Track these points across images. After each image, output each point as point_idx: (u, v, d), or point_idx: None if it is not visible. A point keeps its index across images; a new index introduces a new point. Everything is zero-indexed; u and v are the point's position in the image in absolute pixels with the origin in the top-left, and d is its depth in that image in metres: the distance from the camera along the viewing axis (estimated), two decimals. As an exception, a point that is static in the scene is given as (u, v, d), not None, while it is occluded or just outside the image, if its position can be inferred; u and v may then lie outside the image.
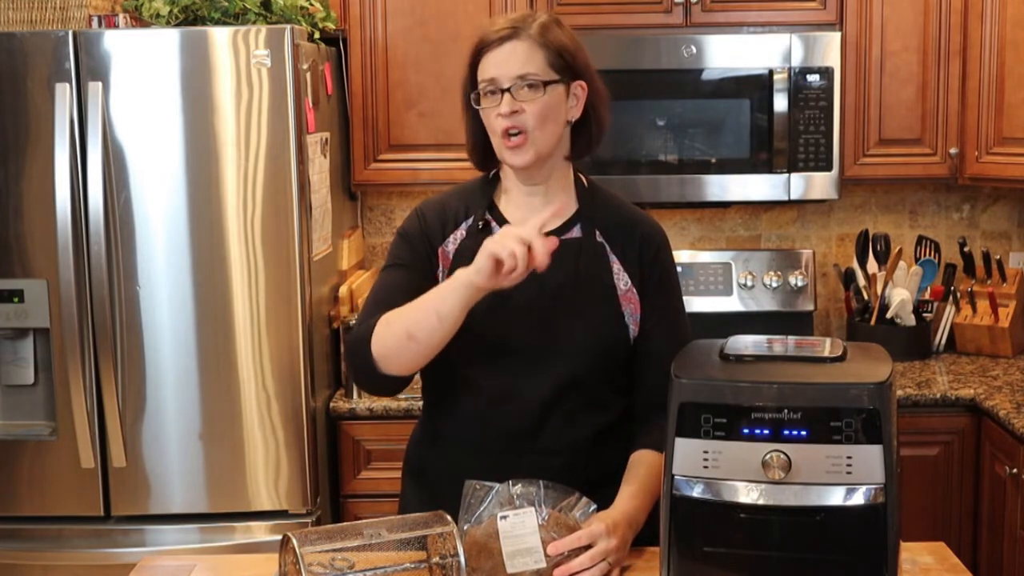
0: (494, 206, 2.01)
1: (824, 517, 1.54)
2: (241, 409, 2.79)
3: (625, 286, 1.97)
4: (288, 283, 2.77)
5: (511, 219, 1.98)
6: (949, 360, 3.34)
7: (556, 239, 1.77)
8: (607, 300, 1.95)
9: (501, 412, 1.93)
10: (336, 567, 1.86)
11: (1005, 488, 2.76)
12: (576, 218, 1.99)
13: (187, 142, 2.73)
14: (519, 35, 1.89)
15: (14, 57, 2.71)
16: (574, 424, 1.93)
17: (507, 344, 1.92)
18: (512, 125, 1.88)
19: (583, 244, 1.97)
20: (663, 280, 2.00)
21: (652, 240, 2.01)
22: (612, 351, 1.96)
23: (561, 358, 1.92)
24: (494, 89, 1.89)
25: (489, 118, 1.91)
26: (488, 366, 1.94)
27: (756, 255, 3.49)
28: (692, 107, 3.19)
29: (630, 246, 1.98)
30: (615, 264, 1.97)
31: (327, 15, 3.07)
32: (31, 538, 2.83)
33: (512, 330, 1.92)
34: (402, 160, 3.28)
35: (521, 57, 1.88)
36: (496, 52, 1.89)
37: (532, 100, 1.88)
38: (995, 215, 3.58)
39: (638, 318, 1.97)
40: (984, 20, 3.13)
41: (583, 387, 1.93)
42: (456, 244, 1.98)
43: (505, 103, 1.88)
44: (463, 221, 2.00)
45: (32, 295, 2.76)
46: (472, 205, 2.01)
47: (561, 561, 1.72)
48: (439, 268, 1.98)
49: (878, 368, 1.61)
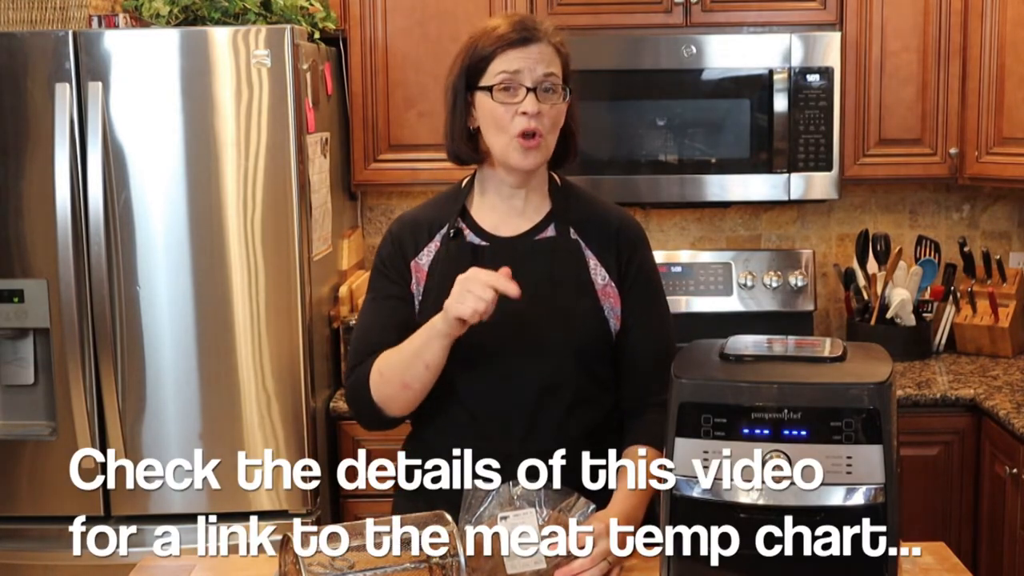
0: (466, 212, 2.00)
1: (824, 517, 1.54)
2: (241, 409, 2.79)
3: (603, 281, 1.96)
4: (288, 283, 2.77)
5: (484, 224, 1.98)
6: (949, 360, 3.34)
7: (515, 287, 1.77)
8: (585, 297, 1.95)
9: (488, 419, 1.93)
10: (336, 567, 1.86)
11: (1005, 488, 2.76)
12: (550, 217, 1.99)
13: (187, 142, 2.73)
14: (541, 39, 1.89)
15: (14, 57, 2.71)
16: (562, 425, 1.92)
17: (489, 351, 1.91)
18: (534, 127, 1.87)
19: (557, 242, 1.96)
20: (642, 272, 2.00)
21: (628, 234, 2.00)
22: (594, 348, 1.96)
23: (544, 360, 1.91)
24: (514, 85, 1.87)
25: (504, 115, 1.88)
26: (472, 374, 1.93)
27: (756, 255, 3.49)
28: (692, 107, 3.19)
29: (606, 241, 1.98)
30: (591, 260, 1.97)
31: (327, 15, 3.07)
32: (31, 538, 2.83)
33: (493, 336, 1.89)
34: (402, 160, 3.28)
35: (546, 58, 1.88)
36: (520, 51, 1.87)
37: (552, 104, 1.88)
38: (995, 215, 3.58)
39: (619, 312, 1.97)
40: (984, 20, 3.13)
41: (568, 387, 1.93)
42: (430, 256, 1.98)
43: (530, 102, 1.86)
44: (436, 232, 1.99)
45: (32, 295, 2.76)
46: (444, 214, 2.00)
47: (561, 561, 1.72)
48: (412, 282, 1.98)
49: (878, 368, 1.61)
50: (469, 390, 1.94)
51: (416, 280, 1.98)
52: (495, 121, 1.90)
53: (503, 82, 1.87)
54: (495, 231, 1.98)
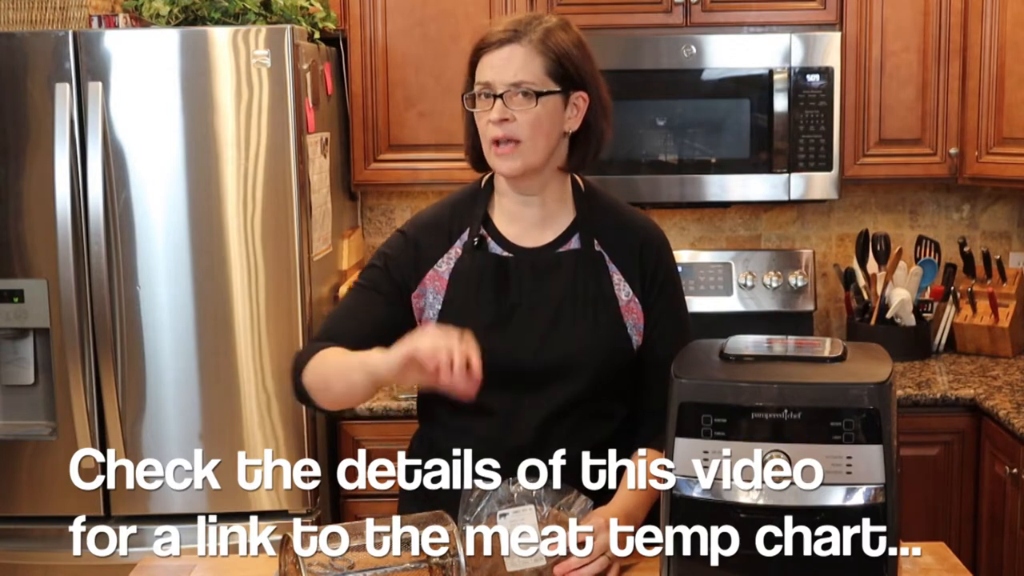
0: (488, 219, 1.95)
1: (824, 517, 1.54)
2: (241, 409, 2.79)
3: (627, 296, 1.92)
4: (288, 283, 2.77)
5: (507, 234, 1.93)
6: (949, 360, 3.34)
7: (471, 391, 1.68)
8: (608, 313, 1.91)
9: (501, 432, 1.89)
10: (336, 567, 1.86)
11: (1005, 488, 2.76)
12: (574, 228, 1.94)
13: (187, 142, 2.73)
14: (519, 39, 1.83)
15: (14, 57, 2.71)
16: (575, 439, 1.89)
17: (508, 364, 1.86)
18: (503, 135, 1.83)
19: (581, 255, 1.92)
20: (666, 286, 1.95)
21: (652, 245, 1.96)
22: (615, 365, 1.92)
23: (563, 376, 1.88)
24: (488, 93, 1.84)
25: (480, 122, 1.86)
26: (488, 386, 1.86)
27: (756, 255, 3.49)
28: (692, 107, 3.19)
29: (630, 254, 1.93)
30: (615, 275, 1.92)
31: (327, 15, 3.07)
32: (31, 538, 2.83)
33: (513, 349, 1.87)
34: (402, 160, 3.28)
35: (517, 63, 1.82)
36: (493, 55, 1.83)
37: (524, 110, 1.82)
38: (995, 215, 3.58)
39: (641, 328, 1.93)
40: (984, 20, 3.13)
41: (586, 403, 1.90)
42: (451, 264, 1.92)
43: (496, 110, 1.82)
44: (457, 238, 1.93)
45: (32, 295, 2.76)
46: (465, 219, 1.94)
47: (560, 558, 1.72)
48: (428, 289, 1.92)
49: (878, 368, 1.61)
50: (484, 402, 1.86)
51: (434, 288, 1.92)
52: (479, 128, 1.87)
53: (478, 91, 1.85)
54: (518, 241, 1.93)
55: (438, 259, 1.93)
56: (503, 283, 1.90)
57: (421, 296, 1.93)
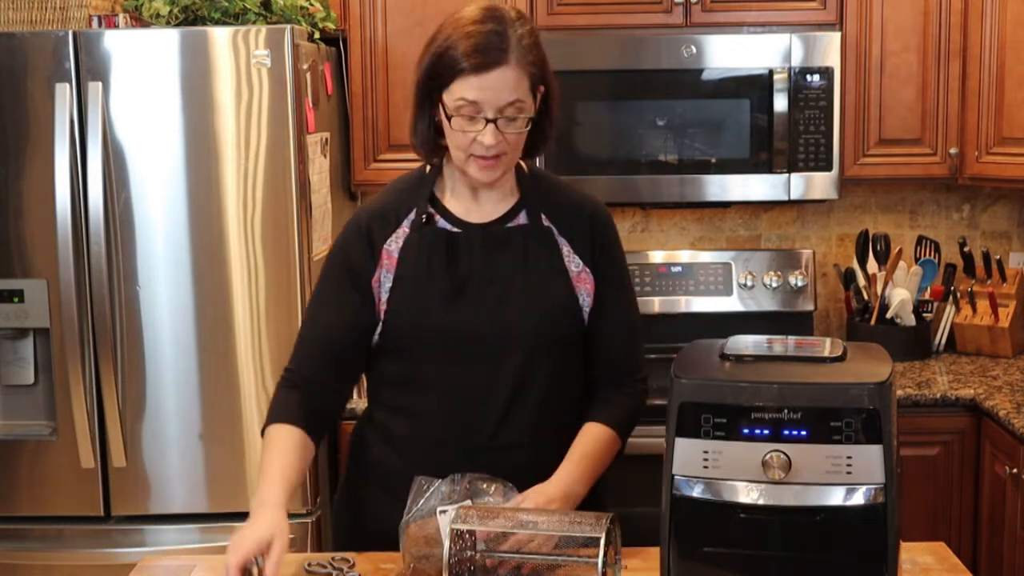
0: (435, 198, 1.96)
1: (824, 517, 1.54)
2: (241, 409, 2.79)
3: (577, 267, 1.95)
4: (288, 283, 2.77)
5: (455, 211, 1.95)
6: (949, 360, 3.34)
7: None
8: (560, 284, 1.93)
9: (460, 408, 1.90)
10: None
11: (1005, 488, 2.76)
12: (521, 204, 1.96)
13: (187, 142, 2.73)
14: (506, 59, 1.80)
15: (14, 57, 2.71)
16: (535, 416, 1.91)
17: (462, 338, 1.89)
18: (491, 154, 1.84)
19: (530, 230, 1.94)
20: (613, 256, 1.99)
21: (599, 217, 1.99)
22: (569, 336, 1.95)
23: (518, 348, 1.89)
24: (473, 114, 1.82)
25: (460, 139, 1.85)
26: (443, 362, 1.90)
27: (756, 255, 3.49)
28: (692, 107, 3.19)
29: (578, 227, 1.96)
30: (564, 247, 1.95)
31: (327, 15, 3.07)
32: (31, 538, 2.83)
33: (466, 324, 1.89)
34: (402, 160, 3.27)
35: (511, 84, 1.81)
36: (484, 77, 1.80)
37: (517, 132, 1.84)
38: (995, 215, 3.58)
39: (593, 296, 1.96)
40: (984, 20, 3.13)
41: (542, 378, 1.91)
42: (399, 242, 1.93)
43: (490, 134, 1.82)
44: (404, 218, 1.95)
45: (32, 295, 2.76)
46: (410, 201, 1.96)
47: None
48: (380, 270, 1.93)
49: (878, 368, 1.60)
50: (439, 378, 1.91)
51: (384, 268, 1.92)
52: (454, 139, 1.87)
53: (460, 109, 1.83)
54: (466, 217, 1.95)
55: (387, 239, 1.94)
56: (453, 257, 1.92)
57: (378, 281, 1.94)
